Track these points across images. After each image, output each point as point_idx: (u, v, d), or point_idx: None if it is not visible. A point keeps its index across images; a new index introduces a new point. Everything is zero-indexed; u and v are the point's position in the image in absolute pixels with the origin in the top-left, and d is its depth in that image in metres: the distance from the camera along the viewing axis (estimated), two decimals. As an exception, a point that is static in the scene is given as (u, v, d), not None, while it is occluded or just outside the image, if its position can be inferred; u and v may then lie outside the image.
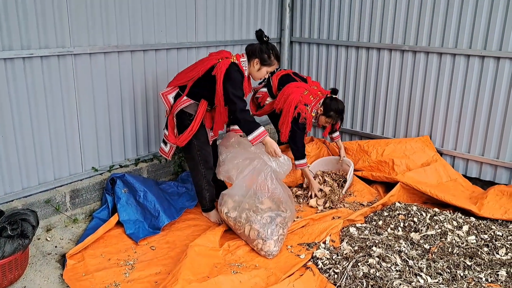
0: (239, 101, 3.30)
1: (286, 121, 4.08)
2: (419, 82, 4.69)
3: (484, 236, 3.43)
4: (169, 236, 3.52)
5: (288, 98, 4.07)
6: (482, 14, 4.16)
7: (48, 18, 3.33)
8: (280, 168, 3.50)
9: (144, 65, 4.09)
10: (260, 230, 3.26)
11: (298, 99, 4.05)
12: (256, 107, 4.60)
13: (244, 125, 3.37)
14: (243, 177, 3.45)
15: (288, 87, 4.16)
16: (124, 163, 4.11)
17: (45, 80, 3.42)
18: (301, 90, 4.13)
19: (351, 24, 5.07)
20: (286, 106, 4.08)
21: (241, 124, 3.39)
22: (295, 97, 4.05)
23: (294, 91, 4.11)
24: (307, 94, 4.12)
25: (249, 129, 3.34)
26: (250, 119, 3.36)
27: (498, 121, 4.29)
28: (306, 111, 4.06)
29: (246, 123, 3.35)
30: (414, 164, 4.45)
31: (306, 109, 4.06)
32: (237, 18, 4.94)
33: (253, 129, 3.32)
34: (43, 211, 3.51)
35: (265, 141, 3.37)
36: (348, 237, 3.45)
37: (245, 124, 3.35)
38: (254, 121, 3.36)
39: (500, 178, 4.39)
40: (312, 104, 4.11)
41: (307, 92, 4.14)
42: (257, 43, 3.45)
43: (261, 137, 3.34)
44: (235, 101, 3.30)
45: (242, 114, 3.32)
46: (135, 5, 3.89)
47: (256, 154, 3.53)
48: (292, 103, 4.04)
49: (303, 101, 4.07)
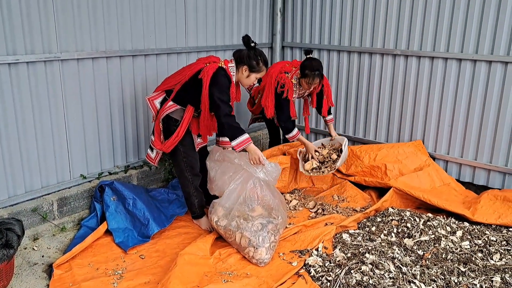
0: (224, 105, 3.25)
1: (270, 93, 4.10)
2: (411, 86, 4.67)
3: (478, 241, 3.40)
4: (159, 245, 3.46)
5: (269, 72, 4.10)
6: (473, 19, 4.15)
7: (34, 23, 3.28)
8: (269, 176, 3.43)
9: (133, 70, 4.04)
10: (251, 238, 3.21)
11: (279, 70, 4.11)
12: (251, 105, 4.62)
13: (228, 130, 3.30)
14: (234, 186, 3.41)
15: (272, 66, 4.30)
16: (113, 170, 4.05)
17: (31, 86, 3.36)
18: (282, 63, 4.24)
19: (342, 29, 5.05)
20: (268, 79, 4.12)
21: (225, 129, 3.32)
22: (275, 70, 4.13)
23: (275, 65, 4.22)
24: (288, 66, 4.18)
25: (233, 135, 3.28)
26: (235, 124, 3.30)
27: (491, 125, 4.27)
28: (286, 78, 4.07)
29: (230, 128, 3.29)
30: (406, 169, 4.42)
31: (286, 76, 4.08)
32: (228, 23, 4.90)
33: (237, 135, 3.27)
34: (30, 220, 3.44)
35: (249, 148, 3.32)
36: (341, 243, 3.40)
37: (229, 129, 3.29)
38: (238, 127, 3.31)
39: (494, 183, 4.37)
40: (292, 71, 4.13)
41: (289, 65, 4.20)
42: (245, 49, 3.40)
43: (244, 144, 3.29)
44: (220, 105, 3.24)
45: (226, 119, 3.26)
46: (124, 9, 3.84)
47: (242, 167, 3.46)
48: (273, 75, 4.09)
49: (283, 70, 4.12)
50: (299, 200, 4.29)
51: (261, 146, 5.53)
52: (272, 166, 3.44)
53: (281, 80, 4.05)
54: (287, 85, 4.05)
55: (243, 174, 3.42)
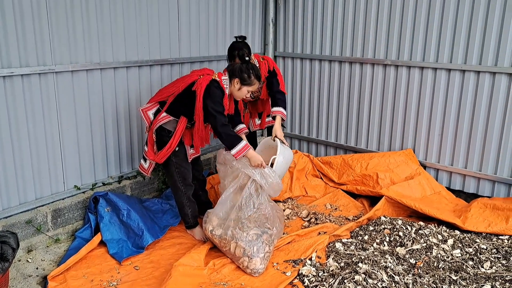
0: (219, 116, 3.29)
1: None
2: (401, 95, 4.74)
3: (469, 249, 3.45)
4: (153, 256, 3.47)
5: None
6: (461, 30, 4.23)
7: (28, 36, 3.30)
8: (264, 179, 3.43)
9: (127, 81, 4.07)
10: (246, 248, 3.23)
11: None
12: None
13: (226, 140, 3.34)
14: (228, 194, 3.43)
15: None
16: (107, 180, 4.06)
17: (26, 98, 3.37)
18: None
19: (334, 39, 5.11)
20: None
21: (223, 139, 3.36)
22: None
23: None
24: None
25: (232, 144, 3.33)
26: (232, 133, 3.35)
27: (480, 134, 4.34)
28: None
29: (228, 137, 3.33)
30: (398, 178, 4.47)
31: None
32: (221, 33, 4.94)
33: (235, 144, 3.32)
34: (24, 232, 3.44)
35: (249, 155, 3.36)
36: (334, 253, 3.44)
37: (227, 138, 3.33)
38: (236, 135, 3.37)
39: (483, 191, 4.43)
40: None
41: None
42: (238, 63, 3.45)
43: (244, 151, 3.33)
44: (215, 115, 3.28)
45: (223, 128, 3.31)
46: (118, 22, 3.87)
47: (239, 169, 3.49)
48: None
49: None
50: (292, 209, 4.32)
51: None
52: (270, 170, 3.44)
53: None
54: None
55: (238, 181, 3.44)
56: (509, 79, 4.11)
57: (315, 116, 5.44)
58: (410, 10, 4.49)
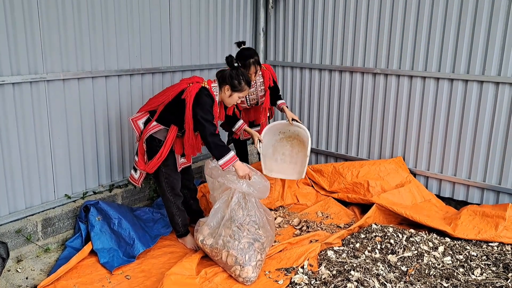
0: (208, 124, 3.29)
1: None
2: (391, 104, 4.79)
3: (459, 256, 3.48)
4: (145, 265, 3.45)
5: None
6: (449, 39, 4.30)
7: (20, 45, 3.29)
8: (252, 187, 3.44)
9: (119, 90, 4.06)
10: (238, 256, 3.23)
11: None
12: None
13: (214, 149, 3.33)
14: (219, 205, 3.44)
15: None
16: (98, 189, 4.04)
17: (16, 106, 3.35)
18: None
19: (324, 48, 5.16)
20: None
21: (211, 148, 3.34)
22: None
23: None
24: None
25: (220, 154, 3.32)
26: (221, 143, 3.34)
27: (469, 142, 4.40)
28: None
29: (216, 147, 3.32)
30: (388, 186, 4.50)
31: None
32: (212, 42, 4.97)
33: (223, 154, 3.31)
34: (13, 241, 3.40)
35: (236, 166, 3.36)
36: (326, 261, 3.44)
37: (216, 148, 3.33)
38: (224, 145, 3.35)
39: (473, 198, 4.48)
40: None
41: None
42: (227, 69, 3.46)
43: (231, 162, 3.33)
44: (204, 124, 3.28)
45: (212, 138, 3.30)
46: (109, 30, 3.87)
47: (227, 178, 3.49)
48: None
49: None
50: (283, 217, 4.33)
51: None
52: (256, 178, 3.45)
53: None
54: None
55: (229, 193, 3.45)
56: (496, 87, 4.17)
57: (306, 124, 5.46)
58: (399, 19, 4.56)
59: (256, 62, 3.99)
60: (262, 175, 3.59)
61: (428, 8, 4.37)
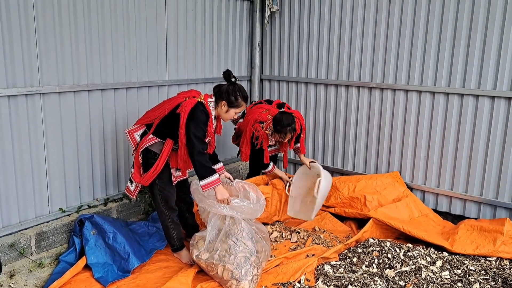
0: (198, 143, 3.27)
1: (245, 140, 4.17)
2: (387, 118, 4.80)
3: (457, 271, 3.45)
4: (139, 279, 3.40)
5: (247, 118, 4.20)
6: (444, 54, 4.33)
7: (17, 58, 3.28)
8: (235, 211, 3.36)
9: (115, 103, 4.05)
10: (234, 271, 3.19)
11: (255, 117, 4.16)
12: (236, 137, 4.61)
13: (199, 169, 3.30)
14: (214, 220, 3.42)
15: (251, 109, 4.31)
16: (92, 203, 4.00)
17: (12, 119, 3.34)
18: (260, 109, 4.24)
19: (319, 62, 5.18)
20: (243, 125, 4.22)
21: (196, 167, 3.32)
22: (252, 117, 4.18)
23: (254, 111, 4.24)
24: (265, 113, 4.21)
25: (203, 174, 3.29)
26: (207, 164, 3.31)
27: (465, 156, 4.40)
28: (260, 129, 4.14)
29: (201, 167, 3.30)
30: (385, 200, 4.49)
31: (261, 126, 4.14)
32: (208, 56, 4.98)
33: (206, 175, 3.29)
34: (6, 256, 3.35)
35: (216, 189, 3.33)
36: (323, 275, 3.41)
37: (200, 168, 3.30)
38: (210, 166, 3.33)
39: (470, 212, 4.47)
40: (268, 121, 4.17)
41: (267, 111, 4.22)
42: (225, 84, 3.45)
43: (213, 185, 3.30)
44: (194, 141, 3.26)
45: (198, 156, 3.28)
46: (106, 43, 3.88)
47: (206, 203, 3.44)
48: (250, 122, 4.15)
49: (259, 119, 4.17)
50: (280, 231, 4.30)
51: (240, 176, 5.54)
52: (238, 201, 3.40)
53: (255, 132, 4.11)
54: (261, 137, 4.15)
55: None
56: (491, 102, 4.19)
57: (302, 138, 5.46)
58: (394, 33, 4.59)
59: (293, 130, 4.12)
60: (256, 195, 3.56)
61: (423, 22, 4.41)
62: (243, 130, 4.27)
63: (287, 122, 4.08)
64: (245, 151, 4.21)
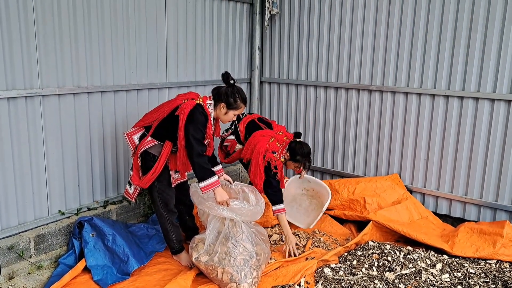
0: (197, 144, 3.26)
1: (259, 171, 3.92)
2: (387, 120, 4.80)
3: (457, 274, 3.45)
4: (139, 282, 3.39)
5: (256, 148, 3.96)
6: (444, 56, 4.33)
7: (16, 60, 3.28)
8: (234, 213, 3.36)
9: (114, 105, 4.05)
10: (234, 273, 3.19)
11: (265, 147, 3.94)
12: (224, 155, 4.44)
13: (198, 171, 3.29)
14: (214, 223, 3.41)
15: (255, 136, 4.04)
16: (92, 205, 4.00)
17: (11, 121, 3.33)
18: (267, 138, 4.02)
19: (319, 65, 5.18)
20: (254, 157, 3.95)
21: (195, 169, 3.30)
22: (262, 146, 3.93)
23: (260, 140, 3.99)
24: (273, 141, 4.03)
25: (202, 176, 3.28)
26: (206, 165, 3.30)
27: (465, 158, 4.40)
28: (276, 159, 3.95)
29: (200, 169, 3.28)
30: (385, 202, 4.48)
31: (275, 157, 3.96)
32: (208, 59, 4.98)
33: (205, 177, 3.27)
34: (5, 258, 3.34)
35: (215, 191, 3.31)
36: (323, 278, 3.40)
37: (199, 169, 3.28)
38: (209, 168, 3.32)
39: (470, 215, 4.46)
40: (279, 150, 4.03)
41: (273, 139, 4.05)
42: (224, 86, 3.44)
43: (212, 187, 3.29)
44: (193, 143, 3.25)
45: (198, 158, 3.26)
46: (106, 45, 3.88)
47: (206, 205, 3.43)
48: (260, 153, 3.92)
49: (271, 148, 3.96)
50: (279, 234, 4.29)
51: (240, 179, 5.54)
52: (238, 204, 3.38)
53: (272, 162, 3.92)
54: (279, 166, 3.98)
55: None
56: (491, 104, 4.20)
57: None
58: (394, 36, 4.60)
59: (308, 161, 4.11)
60: (256, 197, 3.55)
61: (423, 25, 4.42)
62: (248, 159, 4.05)
63: (307, 151, 4.05)
64: (259, 182, 3.96)
